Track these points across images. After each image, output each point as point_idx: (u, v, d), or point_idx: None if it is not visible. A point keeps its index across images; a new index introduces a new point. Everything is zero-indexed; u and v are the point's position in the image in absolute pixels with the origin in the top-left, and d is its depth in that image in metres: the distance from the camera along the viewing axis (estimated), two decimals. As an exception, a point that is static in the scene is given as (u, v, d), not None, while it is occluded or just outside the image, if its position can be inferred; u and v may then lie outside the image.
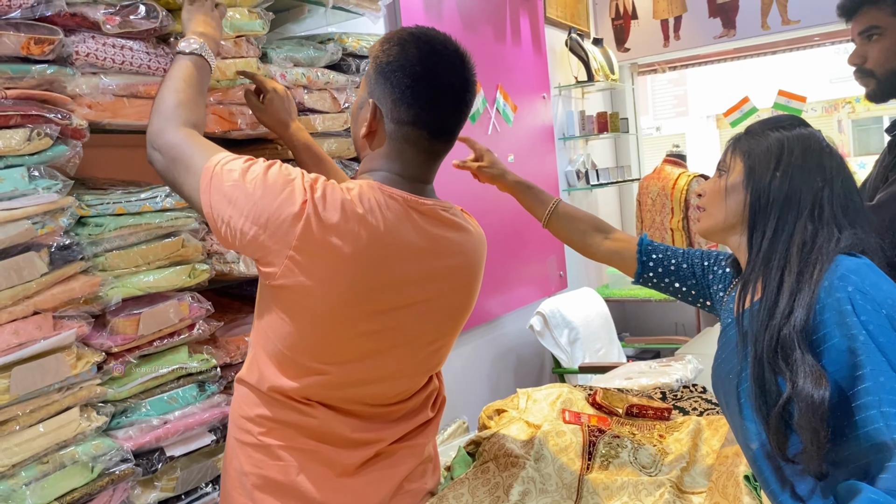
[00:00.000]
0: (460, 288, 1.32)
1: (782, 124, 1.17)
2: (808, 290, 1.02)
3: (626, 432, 1.55)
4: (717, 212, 1.20)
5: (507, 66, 3.72)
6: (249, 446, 1.27)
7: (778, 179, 1.12)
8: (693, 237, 4.52)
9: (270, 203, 1.12)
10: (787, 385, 0.99)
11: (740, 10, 4.44)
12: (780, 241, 1.09)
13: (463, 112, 1.26)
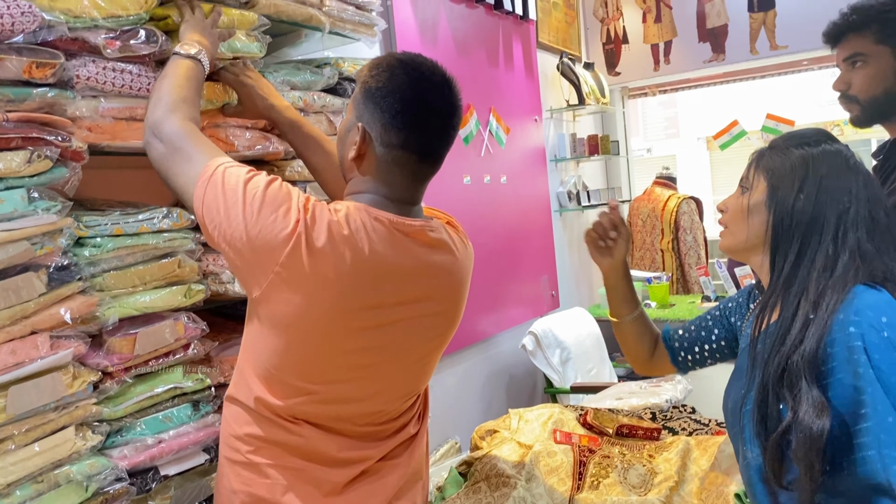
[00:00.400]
0: (446, 306, 1.34)
1: (807, 140, 1.14)
2: (822, 321, 0.99)
3: (616, 452, 1.56)
4: (738, 231, 1.17)
5: (500, 90, 3.77)
6: (238, 464, 1.28)
7: (802, 200, 1.08)
8: (683, 257, 4.56)
9: (265, 218, 1.16)
10: (788, 413, 0.98)
11: (730, 36, 4.52)
12: (803, 266, 1.06)
13: (450, 136, 1.30)
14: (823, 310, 1.00)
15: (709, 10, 4.57)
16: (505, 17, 3.84)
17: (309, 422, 1.26)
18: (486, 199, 3.58)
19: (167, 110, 1.30)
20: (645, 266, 4.69)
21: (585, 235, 1.49)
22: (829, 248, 1.05)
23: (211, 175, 1.21)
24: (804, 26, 4.27)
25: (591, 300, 4.70)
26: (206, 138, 1.31)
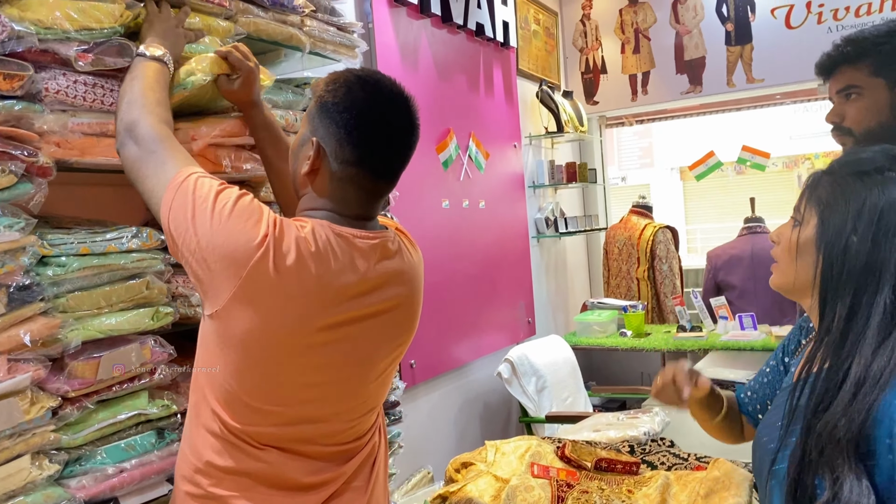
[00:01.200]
0: (404, 316, 1.33)
1: (868, 166, 0.99)
2: (871, 396, 0.88)
3: (595, 487, 1.53)
4: (787, 270, 1.06)
5: (479, 115, 3.76)
6: (199, 499, 1.23)
7: (856, 244, 0.95)
8: (659, 286, 4.57)
9: (232, 228, 1.13)
10: (826, 490, 0.88)
11: (707, 68, 4.57)
12: (855, 321, 0.93)
13: (407, 154, 1.28)
14: (873, 381, 0.88)
15: (687, 43, 4.63)
16: (486, 43, 3.85)
17: (273, 445, 1.22)
18: (464, 223, 3.56)
19: (143, 111, 1.27)
20: (621, 294, 4.69)
21: (658, 396, 1.30)
22: (887, 302, 0.92)
23: (182, 181, 1.18)
24: (780, 61, 4.34)
25: (567, 328, 4.69)
26: (181, 145, 1.29)
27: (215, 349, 1.20)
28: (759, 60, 4.41)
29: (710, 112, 5.36)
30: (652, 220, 4.75)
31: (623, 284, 4.72)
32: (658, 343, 3.88)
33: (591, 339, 4.15)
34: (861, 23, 4.06)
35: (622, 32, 4.84)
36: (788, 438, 0.97)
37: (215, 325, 1.18)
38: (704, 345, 3.73)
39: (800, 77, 4.32)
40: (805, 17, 4.27)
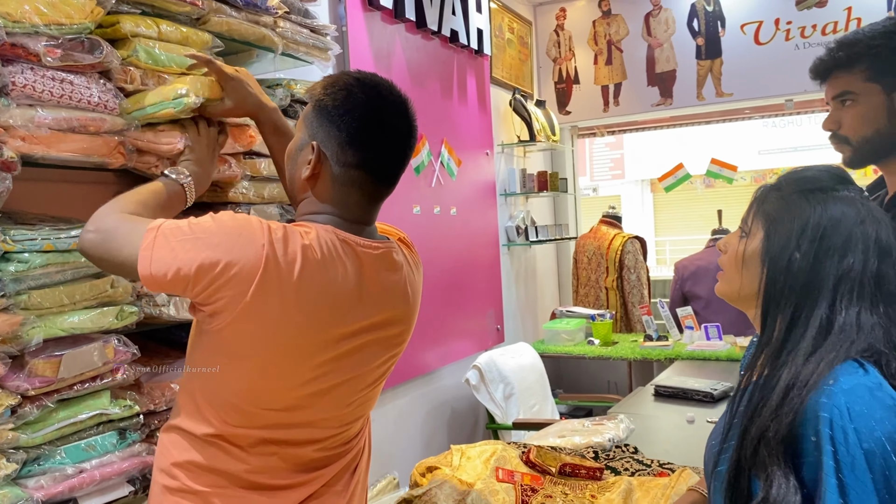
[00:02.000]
0: (402, 328, 1.33)
1: (814, 185, 1.03)
2: (799, 398, 0.91)
3: (559, 492, 1.54)
4: (733, 279, 1.08)
5: (452, 122, 3.78)
6: (177, 492, 1.22)
7: (798, 261, 0.98)
8: (627, 296, 4.62)
9: (228, 247, 1.10)
10: (760, 490, 0.92)
11: (677, 81, 4.64)
12: (793, 333, 0.97)
13: (407, 156, 1.28)
14: (801, 385, 0.92)
15: (658, 55, 4.69)
16: (460, 50, 3.86)
17: (258, 447, 1.22)
18: (434, 229, 3.56)
19: (113, 211, 1.23)
20: (589, 303, 4.73)
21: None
22: (823, 317, 0.95)
23: (155, 237, 1.13)
24: (749, 75, 4.42)
25: (535, 335, 4.71)
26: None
27: (212, 356, 1.18)
28: (728, 75, 4.49)
29: (680, 125, 5.44)
30: (621, 231, 4.80)
31: (592, 293, 4.76)
32: (625, 352, 3.92)
33: (559, 346, 4.18)
34: (827, 41, 4.15)
35: (595, 43, 4.89)
36: (728, 442, 1.00)
37: (216, 336, 1.15)
38: (670, 354, 3.77)
39: (767, 92, 4.41)
40: (773, 33, 4.36)
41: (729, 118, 5.17)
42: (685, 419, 2.41)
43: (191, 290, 1.11)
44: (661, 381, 2.93)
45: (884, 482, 0.85)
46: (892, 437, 0.86)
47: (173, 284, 1.11)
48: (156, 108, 1.46)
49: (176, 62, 1.57)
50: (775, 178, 1.10)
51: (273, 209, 1.83)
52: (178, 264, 1.10)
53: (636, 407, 2.67)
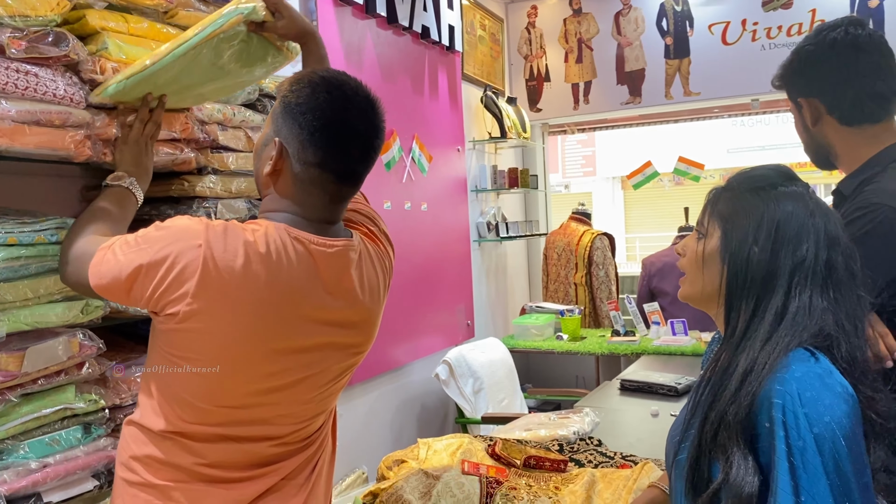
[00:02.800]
0: (362, 327, 1.33)
1: (763, 182, 1.08)
2: (755, 383, 0.95)
3: (523, 484, 1.56)
4: (695, 280, 1.12)
5: (423, 118, 3.79)
6: (136, 486, 1.22)
7: (757, 254, 1.02)
8: (595, 291, 4.67)
9: (167, 250, 1.13)
10: (720, 473, 0.95)
11: (646, 79, 4.70)
12: (754, 323, 1.02)
13: (371, 157, 1.27)
14: (759, 370, 0.96)
15: (627, 54, 4.74)
16: (431, 46, 3.87)
17: (217, 443, 1.22)
18: (405, 225, 3.57)
19: (74, 238, 1.31)
20: (559, 299, 4.77)
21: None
22: (779, 305, 1.00)
23: (106, 251, 1.20)
24: (716, 75, 4.49)
25: (505, 331, 4.74)
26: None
27: (166, 355, 1.19)
28: (696, 74, 4.55)
29: (649, 123, 5.50)
30: (590, 227, 4.84)
31: (561, 289, 4.80)
32: (593, 347, 3.97)
33: (528, 342, 4.21)
34: (792, 42, 4.23)
35: (566, 42, 4.93)
36: (689, 431, 1.03)
37: (167, 334, 1.17)
38: (637, 349, 3.83)
39: (734, 91, 4.48)
40: (740, 34, 4.43)
41: (697, 117, 5.24)
42: (650, 412, 2.45)
43: (138, 295, 1.15)
44: (626, 375, 2.97)
45: (833, 465, 0.89)
46: (841, 422, 0.90)
47: (119, 290, 1.17)
48: (224, 20, 1.39)
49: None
50: (724, 180, 1.14)
51: (241, 203, 1.83)
52: (120, 270, 1.15)
53: (602, 401, 2.71)
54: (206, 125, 1.76)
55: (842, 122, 1.49)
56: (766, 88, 4.55)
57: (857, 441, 0.91)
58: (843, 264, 1.03)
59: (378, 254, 1.38)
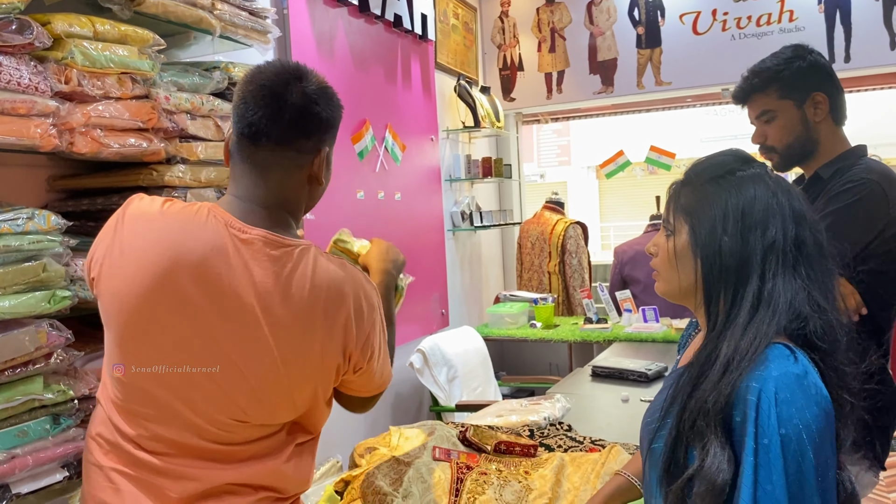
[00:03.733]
0: (277, 339, 1.18)
1: (721, 171, 1.07)
2: (735, 376, 0.96)
3: (493, 469, 1.58)
4: (670, 277, 1.11)
5: (396, 107, 3.78)
6: (91, 465, 1.25)
7: (728, 243, 1.02)
8: (568, 280, 4.71)
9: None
10: (696, 461, 0.96)
11: (618, 69, 4.73)
12: (734, 310, 1.02)
13: (276, 110, 1.19)
14: (741, 357, 0.97)
15: (600, 44, 4.77)
16: (404, 35, 3.87)
17: (145, 427, 1.20)
18: (379, 215, 3.58)
19: None
20: (533, 287, 4.81)
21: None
22: (755, 290, 1.00)
23: None
24: (688, 65, 4.53)
25: (480, 319, 4.77)
26: None
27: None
28: (667, 64, 4.59)
29: (622, 112, 5.54)
30: (564, 216, 4.88)
31: (535, 278, 4.83)
32: (566, 334, 4.00)
33: (502, 330, 4.24)
34: (761, 31, 4.29)
35: (539, 31, 4.94)
36: (666, 419, 1.04)
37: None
38: (609, 336, 3.87)
39: (705, 81, 4.52)
40: (711, 24, 4.47)
41: (669, 106, 5.28)
42: (620, 398, 2.48)
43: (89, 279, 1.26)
44: (598, 362, 3.01)
45: (795, 467, 0.90)
46: (809, 425, 0.91)
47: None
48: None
49: (114, 62, 1.56)
50: (682, 174, 1.14)
51: (210, 193, 1.83)
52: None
53: (574, 387, 2.74)
54: (174, 115, 1.76)
55: (835, 121, 1.77)
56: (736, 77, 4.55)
57: (822, 445, 0.92)
58: (812, 238, 1.03)
59: (326, 275, 1.23)
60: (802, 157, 1.80)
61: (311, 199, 1.32)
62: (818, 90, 1.74)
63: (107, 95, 1.60)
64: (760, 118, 1.80)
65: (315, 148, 1.26)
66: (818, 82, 1.76)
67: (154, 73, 1.68)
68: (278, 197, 1.25)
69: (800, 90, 1.74)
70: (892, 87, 4.76)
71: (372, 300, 1.28)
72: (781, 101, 1.76)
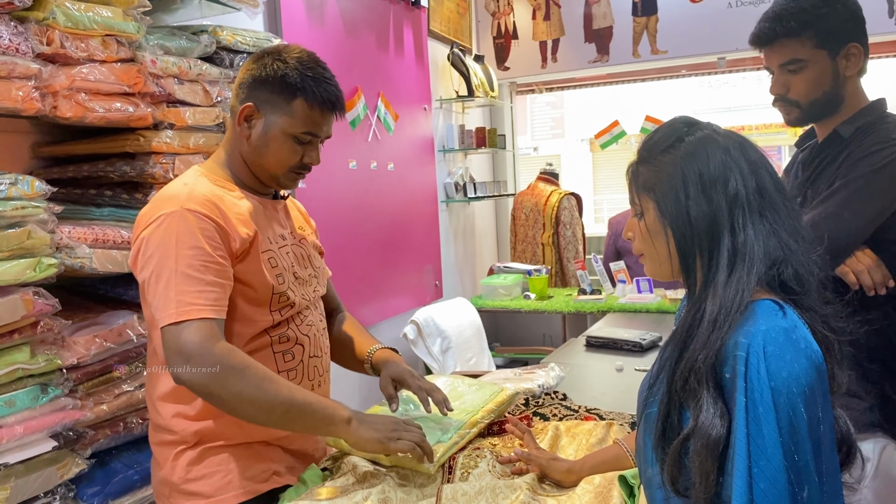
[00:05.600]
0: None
1: (670, 141, 1.08)
2: (722, 332, 0.96)
3: (487, 443, 1.57)
4: (651, 257, 1.11)
5: (389, 75, 3.73)
6: None
7: (693, 208, 1.03)
8: (562, 251, 4.69)
9: None
10: (690, 420, 0.96)
11: (614, 37, 4.67)
12: (712, 269, 1.02)
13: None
14: (726, 314, 0.97)
15: (595, 12, 4.70)
16: (396, 2, 3.80)
17: None
18: (371, 185, 3.54)
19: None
20: (526, 259, 4.79)
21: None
22: (728, 245, 1.01)
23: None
24: (684, 33, 4.47)
25: (473, 291, 4.75)
26: None
27: None
28: (663, 32, 4.53)
29: (617, 82, 5.48)
30: (558, 187, 4.84)
31: (529, 249, 4.82)
32: (560, 305, 3.99)
33: (496, 301, 4.23)
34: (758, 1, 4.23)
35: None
36: (658, 386, 1.04)
37: None
38: (603, 307, 3.86)
39: (701, 50, 4.47)
40: (707, -9, 4.40)
41: (664, 76, 5.23)
42: (614, 368, 2.48)
43: None
44: (592, 332, 3.00)
45: (787, 420, 0.90)
46: (799, 378, 0.91)
47: None
48: None
49: (98, 23, 1.52)
50: (635, 154, 1.13)
51: (199, 159, 1.79)
52: None
53: (568, 357, 2.74)
54: (161, 79, 1.71)
55: (860, 72, 1.63)
56: (732, 47, 4.57)
57: (813, 398, 0.91)
58: (771, 183, 1.04)
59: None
60: (825, 114, 1.66)
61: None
62: (854, 40, 1.59)
63: (91, 58, 1.56)
64: (786, 66, 1.62)
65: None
66: (855, 31, 1.59)
67: (140, 36, 1.63)
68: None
69: (837, 39, 1.58)
70: (889, 55, 4.72)
71: (171, 230, 1.31)
72: (815, 50, 1.58)
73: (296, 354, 1.50)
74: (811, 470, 0.91)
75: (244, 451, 1.43)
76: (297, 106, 1.40)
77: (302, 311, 1.51)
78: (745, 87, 10.05)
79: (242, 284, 1.38)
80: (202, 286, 1.28)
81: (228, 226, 1.35)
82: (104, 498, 1.58)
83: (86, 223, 1.65)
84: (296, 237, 1.57)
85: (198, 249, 1.29)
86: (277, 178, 1.46)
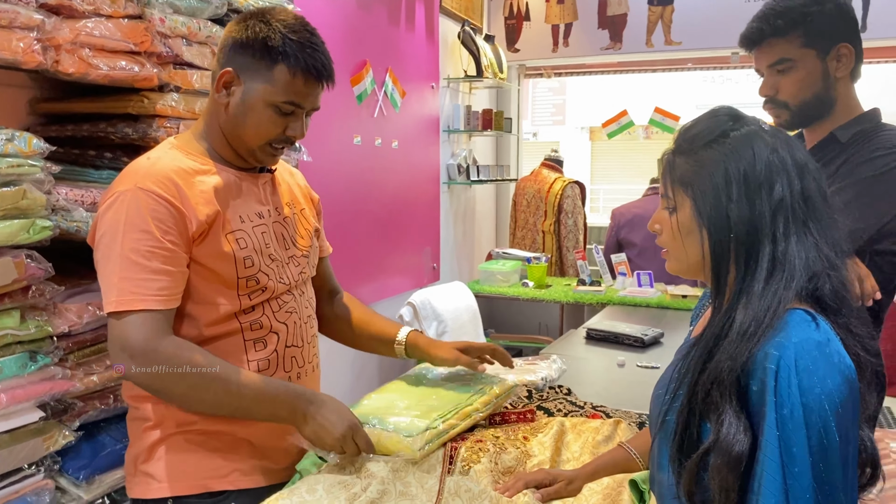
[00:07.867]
0: None
1: (715, 135, 1.00)
2: (752, 342, 0.91)
3: (490, 436, 1.52)
4: (679, 255, 1.05)
5: (398, 51, 3.64)
6: None
7: (735, 211, 0.96)
8: (562, 240, 4.63)
9: None
10: (711, 433, 0.91)
11: (628, 25, 4.59)
12: (748, 278, 0.96)
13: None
14: (757, 327, 0.91)
15: (611, -2, 4.62)
16: (410, -24, 3.70)
17: None
18: (375, 162, 3.47)
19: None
20: (525, 246, 4.73)
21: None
22: (769, 254, 0.94)
23: None
24: (699, 24, 4.40)
25: (471, 275, 4.70)
26: None
27: None
28: (678, 23, 4.46)
29: (626, 71, 5.41)
30: (562, 175, 4.78)
31: (528, 236, 4.76)
32: (558, 295, 3.95)
33: (493, 287, 4.18)
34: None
35: (548, -20, 4.78)
36: (679, 391, 0.98)
37: None
38: (602, 299, 3.82)
39: (716, 43, 4.40)
40: (726, -16, 4.33)
41: (673, 68, 5.16)
42: (616, 363, 2.43)
43: None
44: (592, 324, 2.95)
45: (818, 439, 0.85)
46: (832, 395, 0.86)
47: None
48: None
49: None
50: (672, 142, 1.06)
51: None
52: None
53: (568, 349, 2.69)
54: (169, 38, 1.64)
55: (852, 76, 1.59)
56: (748, 42, 4.49)
57: (845, 415, 0.86)
58: (816, 189, 0.98)
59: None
60: (816, 116, 1.61)
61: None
62: (845, 41, 1.55)
63: (97, 12, 1.48)
64: (774, 67, 1.59)
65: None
66: (846, 31, 1.56)
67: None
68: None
69: (826, 39, 1.55)
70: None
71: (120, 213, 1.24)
72: (803, 49, 1.55)
73: (268, 343, 1.40)
74: (838, 489, 0.86)
75: (209, 442, 1.36)
76: (279, 73, 1.30)
77: (280, 297, 1.42)
78: (748, 85, 10.01)
79: (201, 266, 1.30)
80: (147, 273, 1.21)
81: (186, 206, 1.27)
82: (91, 472, 1.52)
83: (83, 185, 1.58)
84: (280, 214, 1.46)
85: (145, 233, 1.22)
86: (254, 151, 1.36)
